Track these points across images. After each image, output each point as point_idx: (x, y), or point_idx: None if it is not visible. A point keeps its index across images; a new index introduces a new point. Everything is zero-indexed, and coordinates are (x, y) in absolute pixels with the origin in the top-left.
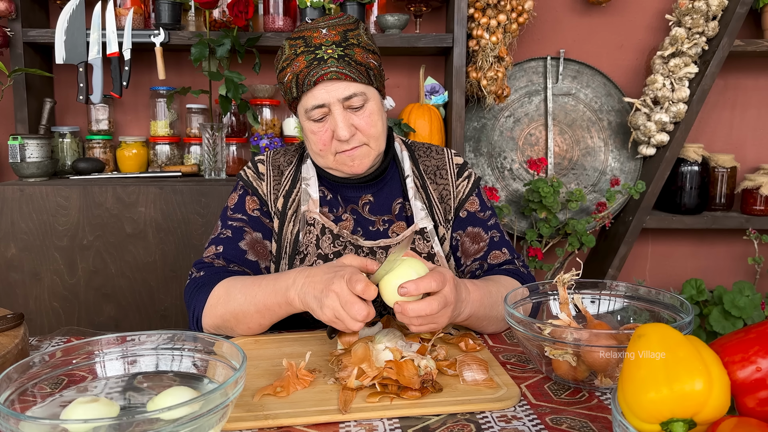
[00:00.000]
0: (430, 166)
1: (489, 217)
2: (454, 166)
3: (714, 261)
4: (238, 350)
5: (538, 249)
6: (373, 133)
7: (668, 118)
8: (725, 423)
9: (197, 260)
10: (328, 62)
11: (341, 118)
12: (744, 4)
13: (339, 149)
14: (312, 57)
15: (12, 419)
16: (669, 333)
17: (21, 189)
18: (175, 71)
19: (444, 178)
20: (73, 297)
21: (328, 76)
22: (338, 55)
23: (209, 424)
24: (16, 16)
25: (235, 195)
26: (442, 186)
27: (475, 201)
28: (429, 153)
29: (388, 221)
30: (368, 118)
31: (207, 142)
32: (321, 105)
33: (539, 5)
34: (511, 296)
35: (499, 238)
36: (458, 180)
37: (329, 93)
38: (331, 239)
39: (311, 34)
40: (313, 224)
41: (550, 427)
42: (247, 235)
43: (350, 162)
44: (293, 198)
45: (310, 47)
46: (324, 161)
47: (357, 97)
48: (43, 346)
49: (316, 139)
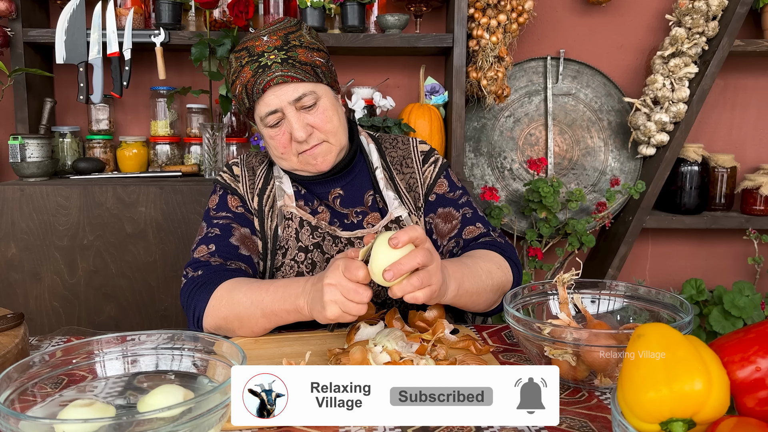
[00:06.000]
0: (396, 157)
1: (460, 196)
2: (419, 153)
3: (714, 261)
4: (238, 350)
5: (538, 249)
6: (330, 128)
7: (668, 118)
8: (725, 423)
9: (190, 260)
10: (272, 68)
11: (295, 120)
12: (744, 4)
13: (300, 150)
14: (256, 65)
15: (12, 419)
16: (669, 333)
17: (21, 189)
18: (176, 71)
19: (410, 167)
20: (73, 297)
21: (275, 81)
22: (281, 59)
23: (209, 424)
24: (17, 16)
25: (215, 197)
26: (408, 175)
27: (444, 182)
28: (395, 144)
29: (362, 212)
30: (322, 115)
31: (207, 142)
32: (274, 110)
33: (539, 5)
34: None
35: (471, 214)
36: (424, 167)
37: (279, 97)
38: (310, 231)
39: (253, 44)
40: (291, 218)
41: (550, 427)
42: (236, 230)
43: (313, 161)
44: (267, 195)
45: (254, 56)
46: (288, 164)
47: (307, 97)
48: (43, 345)
49: (275, 144)
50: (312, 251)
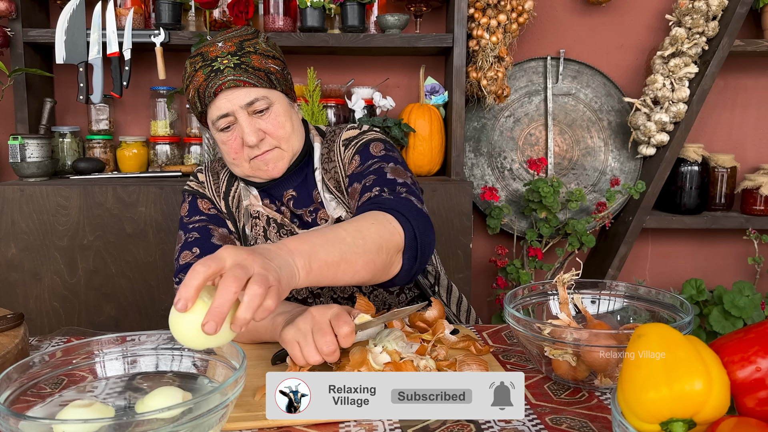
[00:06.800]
0: (324, 155)
1: (369, 166)
2: (341, 143)
3: (714, 261)
4: (238, 350)
5: (538, 249)
6: (282, 134)
7: (668, 118)
8: (725, 423)
9: (178, 267)
10: (225, 72)
11: (246, 124)
12: (744, 4)
13: (251, 155)
14: (209, 69)
15: (12, 419)
16: (669, 333)
17: (21, 189)
18: (176, 71)
19: (333, 161)
20: (73, 297)
21: (226, 84)
22: (234, 63)
23: (209, 424)
24: (17, 16)
25: (185, 204)
26: (332, 170)
27: (356, 159)
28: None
29: (314, 210)
30: (274, 121)
31: (207, 142)
32: (225, 114)
33: (539, 5)
34: (509, 296)
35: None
36: (344, 153)
37: (230, 101)
38: (277, 228)
39: (208, 49)
40: (258, 216)
41: (549, 427)
42: (214, 231)
43: (264, 166)
44: (232, 196)
45: (207, 61)
46: (240, 170)
47: (259, 102)
48: (43, 346)
49: (227, 149)
50: None
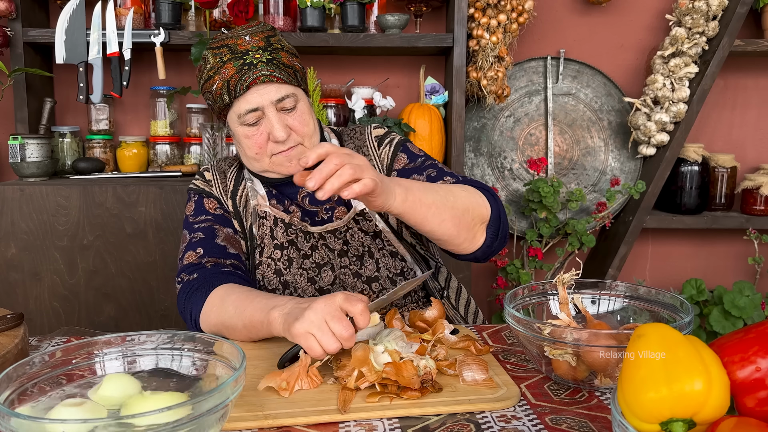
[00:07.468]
0: (353, 148)
1: (422, 163)
2: (374, 139)
3: (714, 261)
4: (238, 350)
5: (538, 249)
6: (306, 132)
7: (668, 118)
8: (725, 423)
9: (182, 267)
10: (258, 66)
11: (276, 120)
12: (744, 4)
13: (275, 150)
14: (241, 63)
15: (12, 419)
16: (669, 333)
17: (21, 189)
18: (175, 71)
19: (366, 154)
20: (73, 297)
21: (261, 79)
22: (266, 59)
23: (209, 424)
24: (16, 15)
25: (191, 203)
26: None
27: (402, 156)
28: (353, 135)
29: (330, 208)
30: (300, 118)
31: (207, 142)
32: (255, 109)
33: (539, 5)
34: (510, 296)
35: (437, 172)
36: (380, 149)
37: (262, 96)
38: (284, 228)
39: (235, 42)
40: (265, 216)
41: (549, 427)
42: (219, 231)
43: (287, 163)
44: (240, 196)
45: (237, 53)
46: (259, 165)
47: (289, 99)
48: (43, 346)
49: (251, 144)
50: (287, 248)
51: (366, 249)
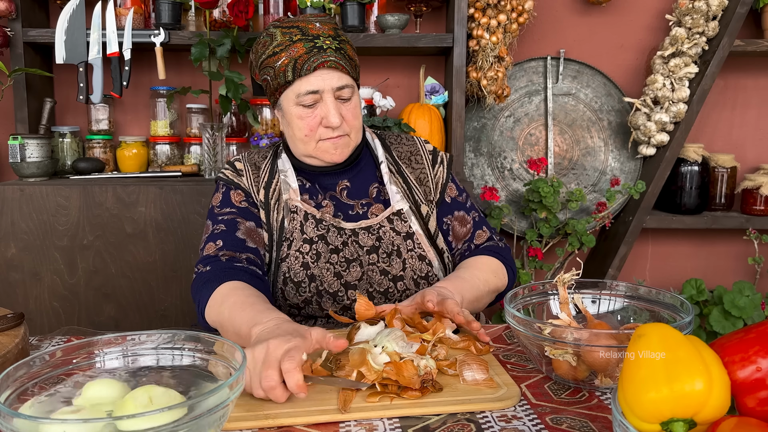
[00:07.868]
0: (403, 152)
1: (466, 199)
2: (428, 153)
3: (714, 261)
4: (238, 350)
5: (538, 249)
6: (356, 124)
7: (668, 118)
8: (725, 423)
9: (200, 258)
10: (327, 51)
11: (333, 106)
12: (744, 4)
13: (324, 136)
14: (311, 45)
15: (13, 419)
16: (669, 333)
17: (21, 189)
18: (175, 71)
19: (420, 163)
20: (73, 297)
21: (328, 63)
22: (335, 47)
23: (209, 424)
24: (16, 16)
25: (218, 194)
26: (419, 170)
27: (453, 187)
28: (400, 140)
29: (366, 204)
30: (354, 110)
31: (207, 142)
32: (315, 91)
33: (539, 5)
34: (510, 296)
35: (478, 218)
36: (435, 167)
37: (324, 81)
38: (315, 224)
39: (306, 25)
40: (296, 211)
41: (550, 427)
42: (241, 225)
43: (333, 150)
44: (273, 188)
45: (308, 36)
46: (305, 148)
47: (347, 89)
48: (43, 345)
49: (303, 125)
50: (316, 242)
51: (395, 248)
